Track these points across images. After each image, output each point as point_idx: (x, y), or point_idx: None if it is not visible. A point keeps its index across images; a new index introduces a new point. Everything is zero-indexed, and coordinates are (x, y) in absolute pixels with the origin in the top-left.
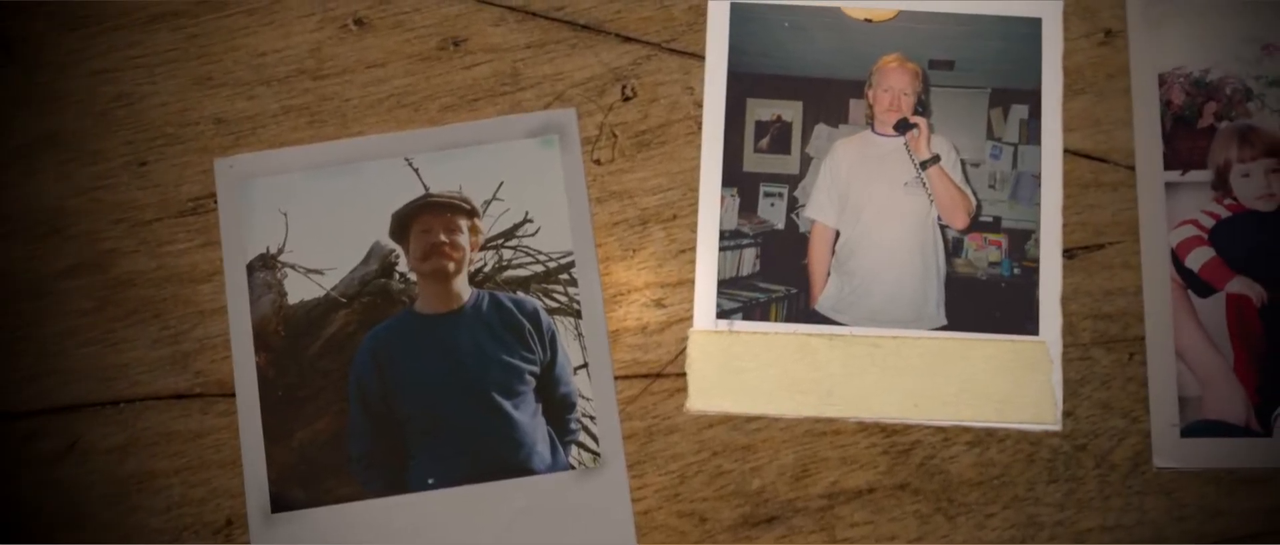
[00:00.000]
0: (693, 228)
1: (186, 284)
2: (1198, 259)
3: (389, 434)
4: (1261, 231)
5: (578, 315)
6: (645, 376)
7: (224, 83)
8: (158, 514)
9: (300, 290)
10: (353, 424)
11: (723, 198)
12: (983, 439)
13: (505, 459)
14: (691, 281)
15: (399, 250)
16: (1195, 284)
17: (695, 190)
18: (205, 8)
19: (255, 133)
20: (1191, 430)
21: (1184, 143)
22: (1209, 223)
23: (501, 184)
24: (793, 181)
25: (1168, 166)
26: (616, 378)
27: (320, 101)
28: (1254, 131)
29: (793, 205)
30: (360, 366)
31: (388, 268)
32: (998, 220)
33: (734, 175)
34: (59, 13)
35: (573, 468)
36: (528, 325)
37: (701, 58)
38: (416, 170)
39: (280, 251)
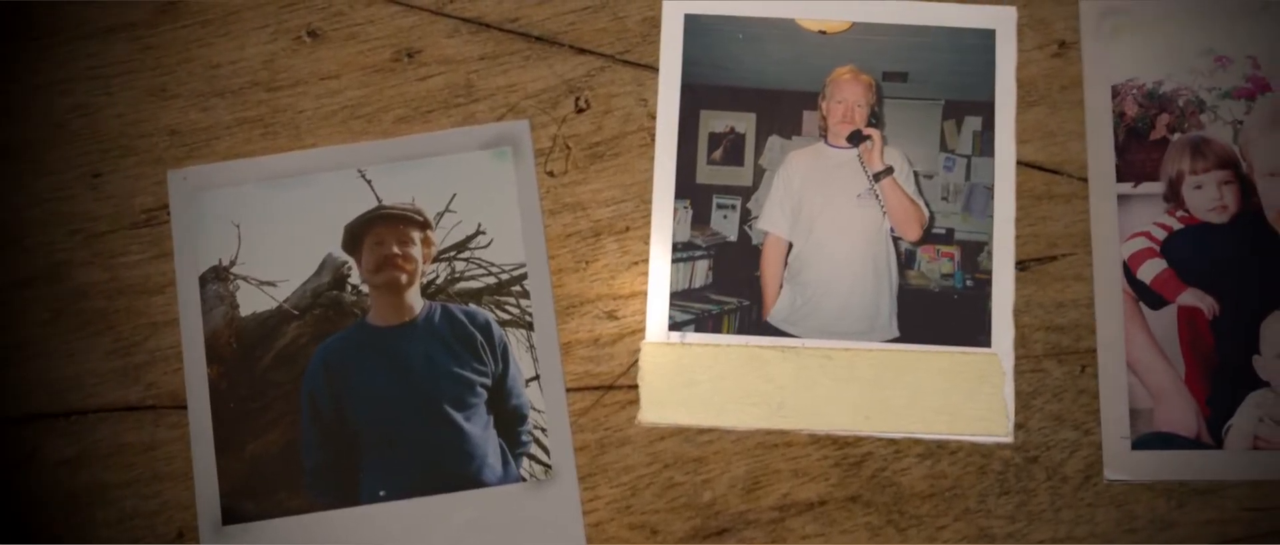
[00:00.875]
0: (646, 240)
1: (140, 296)
2: (1150, 271)
3: (340, 446)
4: (1213, 243)
5: (530, 327)
6: (597, 388)
7: (179, 94)
8: (110, 526)
9: (252, 302)
10: (304, 436)
11: (676, 210)
12: (934, 451)
13: (456, 471)
14: (644, 293)
15: (351, 262)
16: (1147, 296)
17: (648, 202)
18: (162, 18)
19: (209, 144)
20: (1143, 442)
21: (1137, 155)
22: (1161, 235)
23: (455, 196)
24: (746, 193)
25: (1120, 178)
26: (568, 390)
27: (274, 113)
28: (1206, 143)
29: (745, 217)
30: (312, 379)
31: (340, 280)
32: (950, 232)
33: (687, 187)
34: (15, 23)
35: (524, 480)
36: (480, 337)
37: (655, 69)
38: (369, 182)
39: (233, 263)
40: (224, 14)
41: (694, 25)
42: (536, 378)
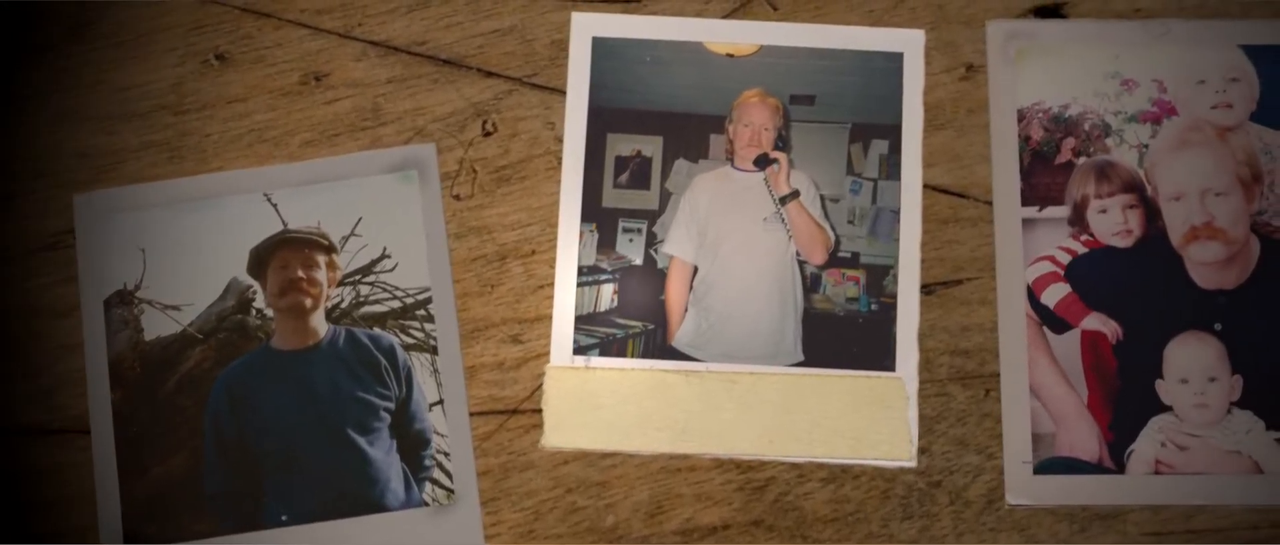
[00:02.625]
0: (551, 263)
1: (46, 319)
2: (1053, 295)
3: (244, 471)
4: (1117, 268)
5: (434, 351)
6: (501, 413)
7: (89, 117)
8: None
9: (157, 326)
10: (208, 460)
11: (581, 233)
12: (838, 475)
13: (359, 495)
14: (549, 317)
15: (256, 286)
16: (1051, 320)
17: (554, 226)
18: (74, 41)
19: (116, 168)
20: (1045, 467)
21: (1042, 178)
22: (1065, 259)
23: (360, 219)
24: (652, 217)
25: (1025, 202)
26: (472, 414)
27: (180, 137)
28: (1112, 167)
29: (651, 241)
30: (216, 403)
31: (245, 304)
32: (856, 256)
33: (593, 210)
34: None
35: (427, 504)
36: (384, 361)
37: (563, 93)
38: (275, 206)
39: (138, 287)
40: (135, 36)
41: (602, 48)
42: (440, 402)
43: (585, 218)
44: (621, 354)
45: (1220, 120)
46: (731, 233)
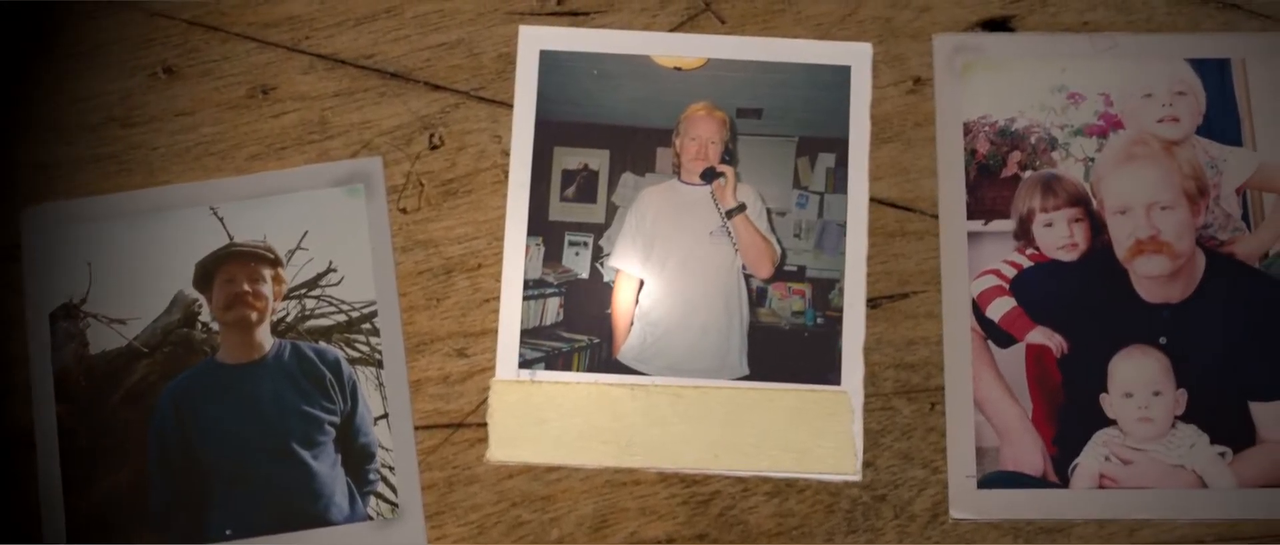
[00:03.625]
0: (497, 277)
1: None
2: (998, 309)
3: (189, 484)
4: (1062, 281)
5: (379, 365)
6: (446, 426)
7: (38, 129)
8: None
9: (103, 340)
10: (153, 474)
11: (528, 247)
12: (783, 489)
13: (304, 509)
14: (495, 331)
15: (202, 300)
16: (996, 334)
17: (500, 239)
18: (25, 54)
19: (65, 180)
20: (989, 481)
21: (988, 192)
22: (1011, 272)
23: (306, 233)
24: (598, 230)
25: (971, 216)
26: (417, 428)
27: (129, 150)
28: (1057, 181)
29: (598, 254)
30: (161, 416)
31: (191, 317)
32: (802, 270)
33: (540, 224)
34: None
35: (371, 518)
36: (329, 375)
37: (510, 106)
38: (221, 219)
39: (84, 301)
40: (87, 49)
41: (549, 61)
42: (385, 415)
43: (531, 231)
44: (567, 368)
45: (1166, 134)
46: (678, 246)
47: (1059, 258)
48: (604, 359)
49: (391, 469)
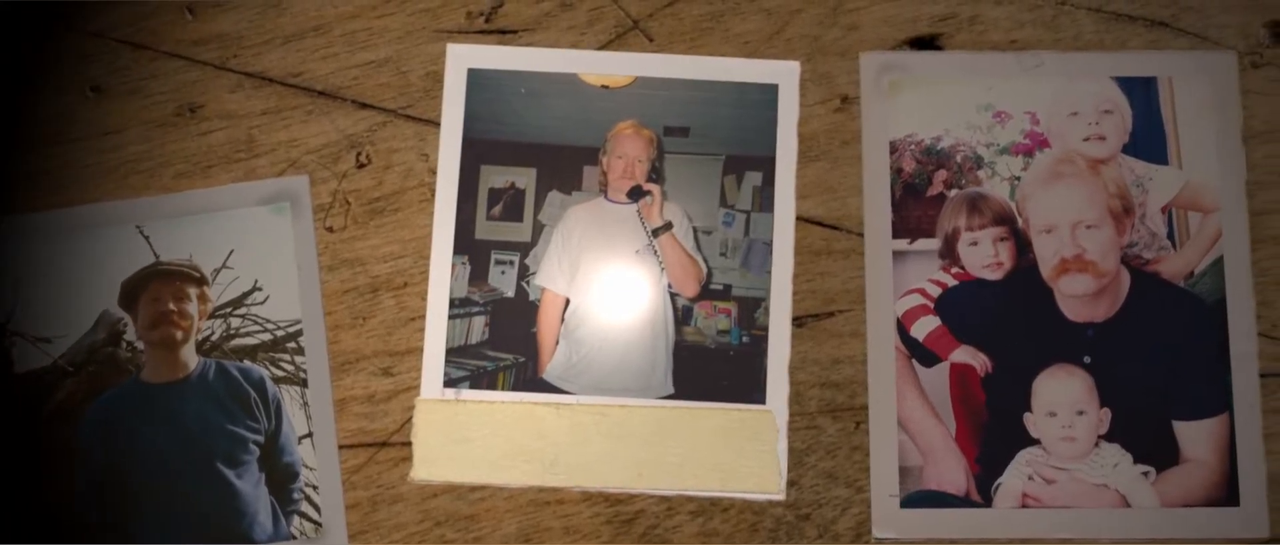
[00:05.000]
0: (423, 296)
1: None
2: (923, 328)
3: (113, 503)
4: (987, 300)
5: (304, 384)
6: (371, 445)
7: None
8: None
9: (28, 359)
10: (77, 493)
11: (454, 265)
12: (707, 508)
13: (227, 529)
14: (420, 350)
15: (127, 318)
16: (920, 353)
17: (427, 258)
18: None
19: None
20: (912, 501)
21: (914, 211)
22: (936, 291)
23: (232, 252)
24: (524, 249)
25: (896, 235)
26: (342, 447)
27: (56, 168)
28: (983, 200)
29: (523, 273)
30: (86, 435)
31: (115, 336)
32: (728, 288)
33: (466, 242)
34: None
35: (294, 538)
36: (253, 394)
37: (437, 124)
38: (147, 238)
39: (9, 320)
40: (20, 66)
41: (477, 79)
42: (310, 435)
43: (458, 250)
44: (492, 386)
45: (1093, 152)
46: (603, 265)
47: (984, 277)
48: (529, 378)
49: (315, 488)
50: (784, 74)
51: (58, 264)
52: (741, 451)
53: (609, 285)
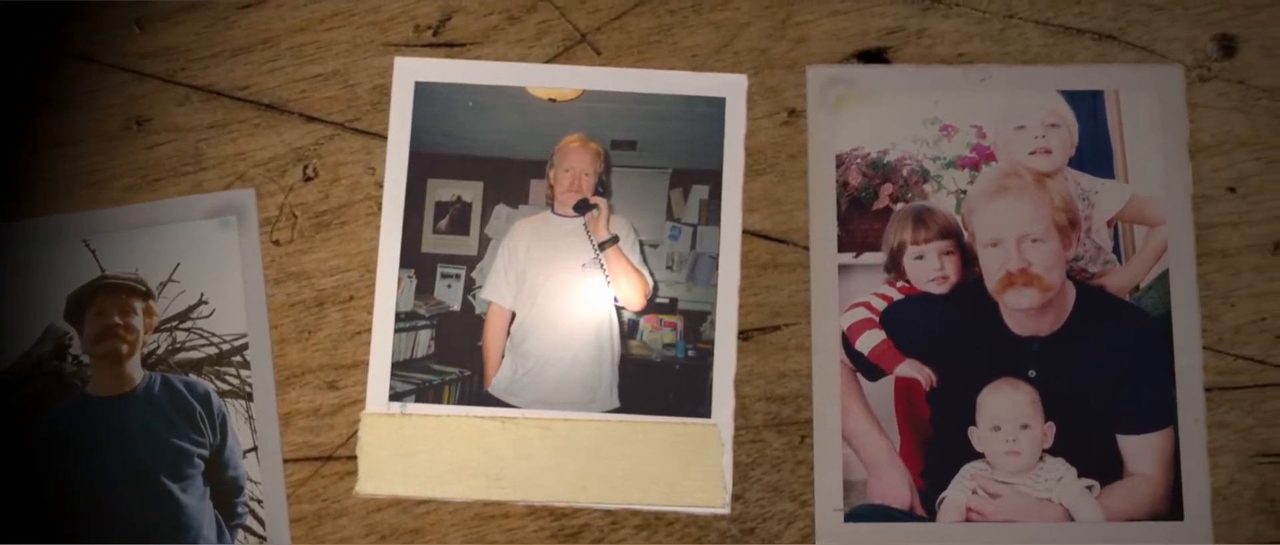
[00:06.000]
0: (369, 309)
1: None
2: (868, 342)
3: (58, 516)
4: (932, 314)
5: (249, 398)
6: (316, 459)
7: None
8: None
9: None
10: (22, 507)
11: (400, 279)
12: (651, 522)
13: (171, 542)
14: (366, 363)
15: (73, 332)
16: (865, 367)
17: (373, 271)
18: None
19: None
20: (856, 514)
21: (859, 224)
22: (881, 305)
23: (178, 265)
24: (471, 262)
25: (842, 248)
26: (287, 461)
27: (4, 180)
28: (929, 213)
29: (470, 286)
30: (31, 449)
31: (61, 350)
32: (674, 302)
33: (412, 256)
34: None
35: None
36: (199, 408)
37: (385, 137)
38: (93, 252)
39: None
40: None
41: (424, 93)
42: (255, 449)
43: (404, 263)
44: (438, 400)
45: (1038, 166)
46: (550, 278)
47: (929, 290)
48: (475, 391)
49: (260, 502)
50: (731, 87)
51: (4, 277)
52: (686, 465)
53: (555, 299)
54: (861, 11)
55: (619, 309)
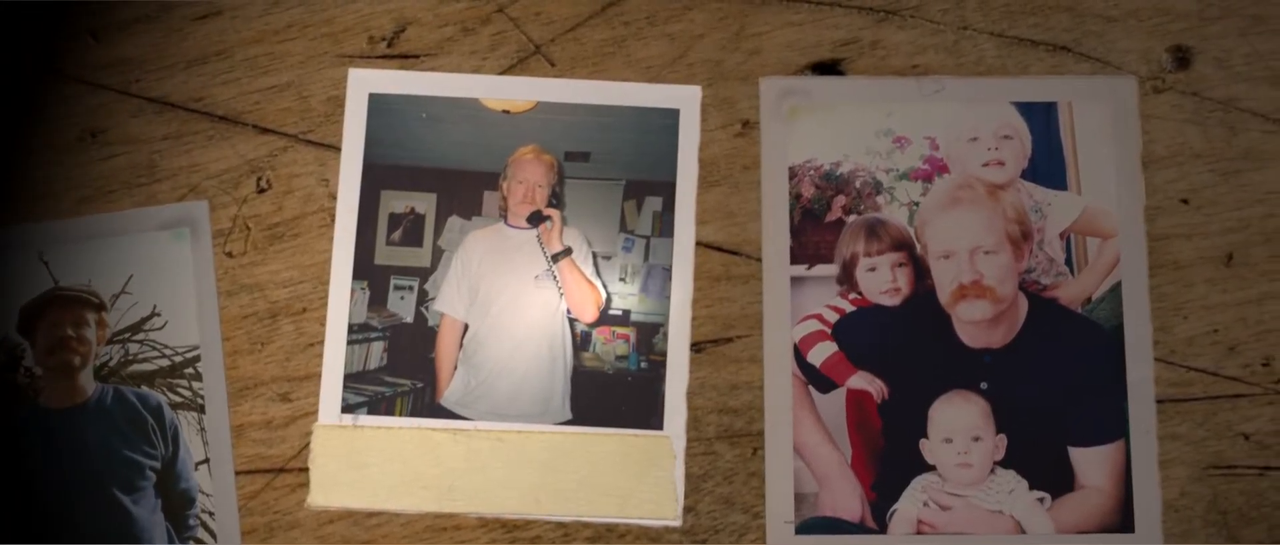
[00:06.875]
0: (322, 321)
1: None
2: (820, 354)
3: (8, 529)
4: (884, 326)
5: (201, 410)
6: (268, 471)
7: None
8: None
9: None
10: None
11: (353, 291)
12: (604, 534)
13: None
14: (318, 375)
15: (26, 344)
16: (817, 379)
17: (326, 283)
18: None
19: None
20: (807, 527)
21: (812, 236)
22: (833, 317)
23: (131, 277)
24: (424, 274)
25: (795, 260)
26: (238, 473)
27: None
28: (882, 225)
29: (423, 298)
30: None
31: (13, 362)
32: (627, 314)
33: (365, 268)
34: None
35: None
36: (151, 420)
37: (338, 149)
38: (46, 263)
39: None
40: None
41: (378, 104)
42: (207, 461)
43: (357, 275)
44: (390, 412)
45: (991, 177)
46: (503, 290)
47: (882, 302)
48: (427, 403)
49: (212, 514)
50: (685, 99)
51: None
52: (639, 477)
53: (508, 310)
54: (816, 23)
55: (572, 321)
